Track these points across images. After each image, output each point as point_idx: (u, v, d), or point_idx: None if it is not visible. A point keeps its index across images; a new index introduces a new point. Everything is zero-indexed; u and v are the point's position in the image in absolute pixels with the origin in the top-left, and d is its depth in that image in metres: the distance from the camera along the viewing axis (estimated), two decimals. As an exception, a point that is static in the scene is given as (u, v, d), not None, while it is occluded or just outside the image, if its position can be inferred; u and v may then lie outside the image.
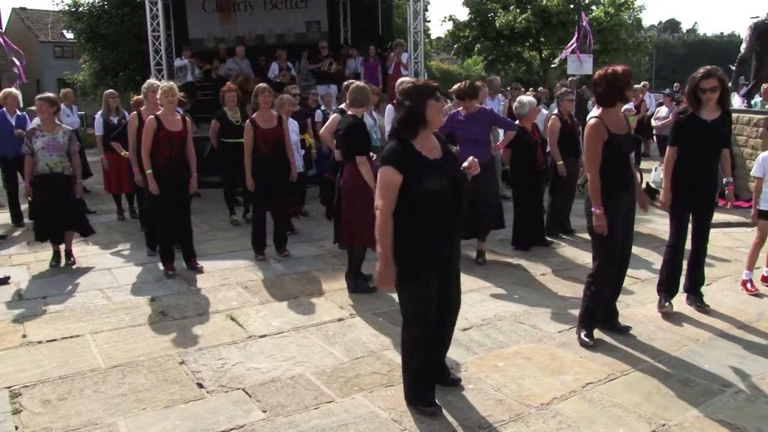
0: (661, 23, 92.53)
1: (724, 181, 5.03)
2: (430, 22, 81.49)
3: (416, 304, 3.45)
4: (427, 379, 3.59)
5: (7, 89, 8.76)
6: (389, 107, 7.71)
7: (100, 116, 8.96)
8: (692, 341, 4.50)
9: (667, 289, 5.03)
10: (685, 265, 5.07)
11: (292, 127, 7.77)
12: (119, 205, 9.06)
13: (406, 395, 3.62)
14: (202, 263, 6.46)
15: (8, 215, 8.95)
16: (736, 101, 10.38)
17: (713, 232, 5.11)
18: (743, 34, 11.02)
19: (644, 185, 9.86)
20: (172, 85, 6.17)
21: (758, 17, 10.01)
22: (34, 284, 6.09)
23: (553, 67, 30.41)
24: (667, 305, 4.96)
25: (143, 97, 6.69)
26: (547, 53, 30.55)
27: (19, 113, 8.70)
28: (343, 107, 6.68)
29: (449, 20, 31.30)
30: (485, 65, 32.52)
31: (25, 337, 4.74)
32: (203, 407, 3.65)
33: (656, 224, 7.71)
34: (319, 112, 9.51)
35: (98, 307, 5.40)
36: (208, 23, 14.29)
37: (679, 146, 4.88)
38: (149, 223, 7.09)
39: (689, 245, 5.03)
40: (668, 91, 15.00)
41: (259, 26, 14.45)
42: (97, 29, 18.26)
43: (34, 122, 7.51)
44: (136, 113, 6.59)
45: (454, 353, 4.15)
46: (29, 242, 7.43)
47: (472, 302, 5.27)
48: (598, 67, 18.14)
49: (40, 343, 4.63)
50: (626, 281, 5.17)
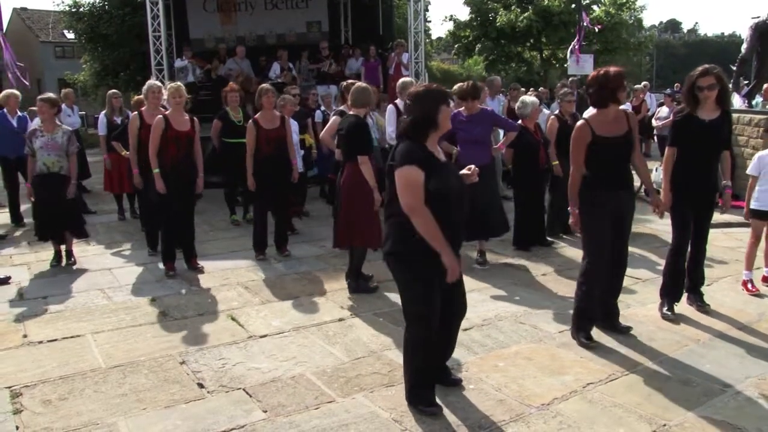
0: (661, 23, 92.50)
1: (722, 183, 4.99)
2: (430, 22, 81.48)
3: (419, 304, 3.45)
4: (428, 379, 3.59)
5: (8, 90, 8.77)
6: (390, 107, 7.70)
7: (103, 116, 8.98)
8: (693, 342, 4.50)
9: (670, 293, 4.98)
10: (685, 265, 5.04)
11: (292, 127, 7.78)
12: (120, 205, 9.07)
13: (407, 395, 3.62)
14: (202, 263, 6.47)
15: (8, 215, 8.96)
16: (736, 101, 10.37)
17: (714, 232, 5.10)
18: (744, 34, 11.03)
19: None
20: (179, 85, 6.19)
21: (759, 17, 10.00)
22: (34, 284, 6.09)
23: (555, 67, 30.45)
24: (670, 314, 4.90)
25: (144, 97, 6.70)
26: (548, 53, 30.53)
27: (19, 114, 8.71)
28: (343, 109, 6.68)
29: (450, 20, 31.33)
30: (486, 65, 32.50)
31: (25, 337, 4.75)
32: (204, 407, 3.66)
33: (657, 224, 7.70)
34: (318, 112, 9.51)
35: (99, 307, 5.41)
36: (208, 23, 14.30)
37: (677, 147, 4.84)
38: (150, 223, 7.11)
39: (690, 245, 5.01)
40: (669, 91, 14.99)
41: (259, 26, 14.46)
42: (97, 29, 18.27)
43: (35, 123, 7.52)
44: (137, 113, 6.59)
45: (454, 353, 4.14)
46: (30, 242, 7.44)
47: (472, 302, 5.23)
48: (598, 67, 18.18)
49: (40, 343, 4.63)
50: (627, 281, 5.17)
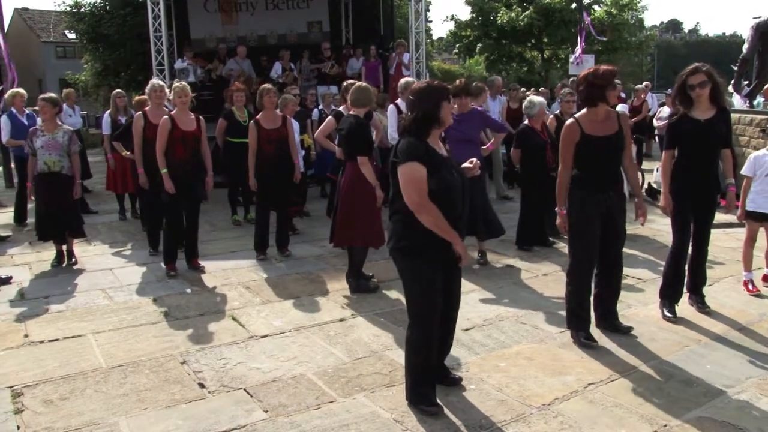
0: (662, 23, 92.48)
1: (726, 182, 4.97)
2: (431, 22, 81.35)
3: (423, 303, 3.46)
4: (429, 378, 3.60)
5: (14, 89, 8.77)
6: (391, 107, 7.71)
7: (107, 116, 8.98)
8: (694, 342, 4.49)
9: (670, 295, 4.97)
10: (686, 267, 5.03)
11: (293, 127, 7.78)
12: (121, 204, 9.06)
13: (408, 395, 3.62)
14: (203, 263, 6.47)
15: (9, 216, 8.95)
16: (737, 102, 10.37)
17: (715, 232, 5.09)
18: (745, 34, 11.02)
19: (646, 185, 9.87)
20: (184, 85, 6.18)
21: (760, 17, 9.99)
22: (36, 284, 6.10)
23: (557, 67, 30.40)
24: (671, 315, 4.88)
25: (147, 97, 6.70)
26: (549, 53, 30.50)
27: (27, 112, 8.73)
28: (341, 109, 6.67)
29: (451, 20, 31.29)
30: (487, 65, 32.47)
31: (27, 336, 4.75)
32: (205, 407, 3.66)
33: (657, 224, 7.69)
34: (316, 111, 9.52)
35: (100, 307, 5.41)
36: (209, 23, 14.30)
37: (675, 148, 4.80)
38: (151, 223, 7.11)
39: (690, 246, 4.99)
40: (670, 91, 14.95)
41: (260, 26, 14.46)
42: (98, 29, 18.26)
43: (38, 122, 7.53)
44: (141, 113, 6.59)
45: (455, 353, 4.15)
46: (31, 242, 7.45)
47: (473, 302, 5.27)
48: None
49: (42, 342, 4.63)
50: (628, 281, 5.18)
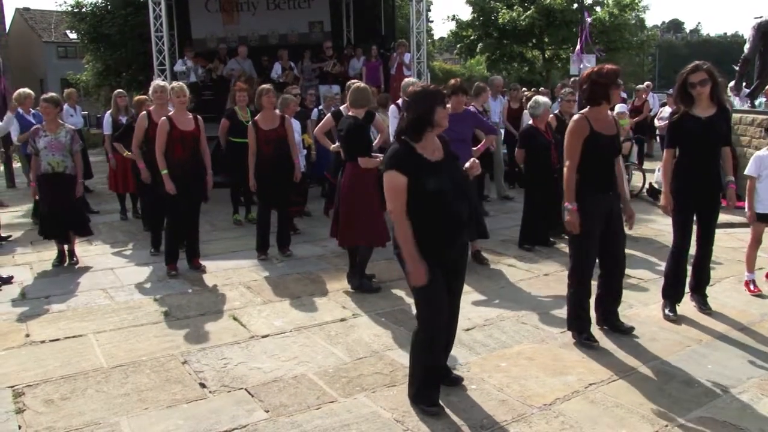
0: (664, 23, 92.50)
1: (726, 179, 4.96)
2: (432, 22, 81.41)
3: (429, 305, 3.47)
4: (435, 379, 3.60)
5: (22, 89, 8.77)
6: (392, 107, 7.70)
7: (108, 116, 8.98)
8: (695, 342, 4.49)
9: (671, 294, 4.97)
10: (689, 265, 5.02)
11: (294, 127, 7.78)
12: (123, 204, 9.06)
13: (411, 395, 3.62)
14: (204, 263, 6.47)
15: (10, 216, 8.98)
16: (737, 102, 10.34)
17: (717, 232, 5.07)
18: (746, 34, 10.99)
19: (647, 185, 9.86)
20: (182, 85, 6.20)
21: (762, 17, 9.97)
22: (37, 284, 6.10)
23: (558, 66, 30.37)
24: (672, 315, 4.88)
25: (151, 97, 6.71)
26: (550, 53, 30.49)
27: (34, 111, 8.73)
28: (341, 108, 6.67)
29: (452, 20, 31.29)
30: (488, 65, 32.45)
31: (28, 336, 4.75)
32: (206, 407, 3.66)
33: (658, 225, 7.69)
34: (315, 110, 9.51)
35: (101, 306, 5.41)
36: (211, 23, 14.30)
37: (676, 147, 4.80)
38: (152, 222, 7.11)
39: (693, 247, 4.98)
40: (671, 91, 14.93)
41: (261, 26, 14.45)
42: (100, 29, 18.26)
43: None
44: (145, 113, 6.60)
45: (456, 353, 4.15)
46: (33, 242, 7.45)
47: (474, 302, 5.26)
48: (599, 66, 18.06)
49: (43, 342, 4.63)
50: (629, 281, 5.17)
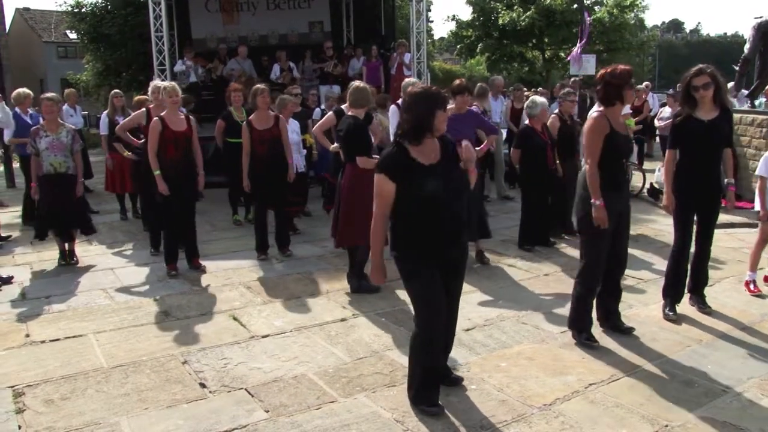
0: (664, 23, 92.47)
1: (725, 181, 4.99)
2: (432, 22, 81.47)
3: (425, 305, 3.47)
4: (434, 379, 3.60)
5: (21, 89, 8.75)
6: (392, 108, 7.70)
7: (105, 116, 8.97)
8: (695, 342, 4.49)
9: (672, 294, 4.98)
10: (688, 265, 5.03)
11: (293, 127, 7.77)
12: (122, 204, 9.07)
13: (410, 395, 3.62)
14: (204, 263, 6.47)
15: (11, 216, 8.96)
16: (735, 102, 10.34)
17: (717, 232, 5.08)
18: (746, 34, 10.98)
19: (648, 185, 9.87)
20: (174, 85, 6.21)
21: (762, 17, 9.96)
22: (37, 284, 6.10)
23: (558, 67, 30.37)
24: (671, 314, 4.89)
25: (152, 97, 6.73)
26: (550, 53, 30.49)
27: (31, 111, 8.72)
28: (343, 107, 6.67)
29: (452, 20, 31.29)
30: (488, 65, 32.45)
31: (28, 336, 4.75)
32: (206, 407, 3.66)
33: (659, 225, 7.69)
34: (317, 110, 9.51)
35: (101, 306, 5.41)
36: (211, 23, 14.29)
37: (678, 148, 4.84)
38: (152, 222, 7.11)
39: (693, 246, 5.00)
40: (671, 91, 14.89)
41: (262, 26, 14.45)
42: (100, 29, 18.26)
43: (40, 121, 7.52)
44: (144, 110, 6.67)
45: (456, 353, 4.15)
46: (32, 242, 7.45)
47: (475, 302, 5.26)
48: (601, 66, 18.07)
49: (43, 342, 4.64)
50: (629, 282, 5.17)
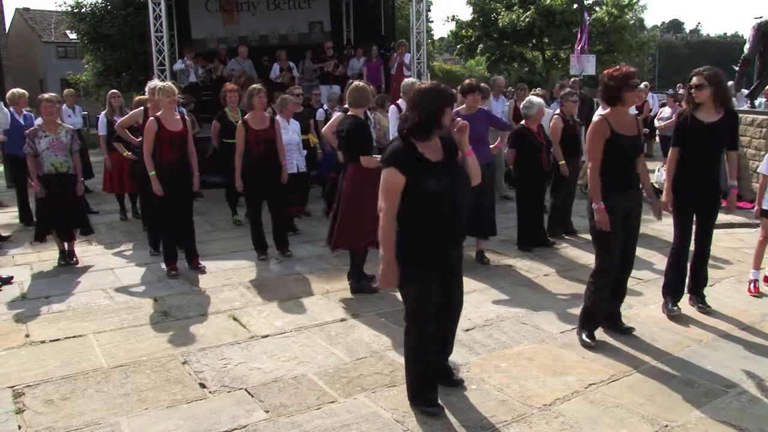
0: (664, 23, 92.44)
1: (729, 183, 5.00)
2: (432, 22, 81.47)
3: (420, 305, 3.46)
4: (429, 379, 3.59)
5: (16, 89, 8.75)
6: (392, 108, 7.71)
7: (103, 116, 8.97)
8: (695, 342, 4.49)
9: (672, 291, 5.00)
10: (688, 265, 5.04)
11: (293, 127, 7.77)
12: (122, 205, 9.07)
13: (409, 396, 3.62)
14: (204, 263, 6.47)
15: (10, 216, 8.97)
16: (735, 102, 10.33)
17: (717, 232, 5.09)
18: (746, 34, 10.99)
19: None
20: (171, 85, 6.21)
21: (762, 17, 9.96)
22: (37, 284, 6.10)
23: (558, 67, 30.37)
24: (675, 309, 4.92)
25: (148, 97, 6.73)
26: (550, 54, 30.49)
27: (25, 112, 8.72)
28: (347, 107, 6.68)
29: (452, 20, 31.27)
30: (488, 65, 32.44)
31: (28, 336, 4.75)
32: (206, 407, 3.66)
33: (659, 224, 7.66)
34: (321, 111, 9.51)
35: (101, 307, 5.41)
36: (211, 23, 14.29)
37: (679, 148, 4.89)
38: (152, 223, 7.11)
39: (693, 246, 5.01)
40: (671, 91, 14.90)
41: (262, 26, 14.45)
42: (100, 30, 18.27)
43: (36, 122, 7.52)
44: (142, 109, 6.69)
45: (456, 354, 4.14)
46: (32, 242, 7.44)
47: (474, 303, 5.27)
48: (601, 66, 18.07)
49: (43, 342, 4.64)
50: (629, 282, 5.14)
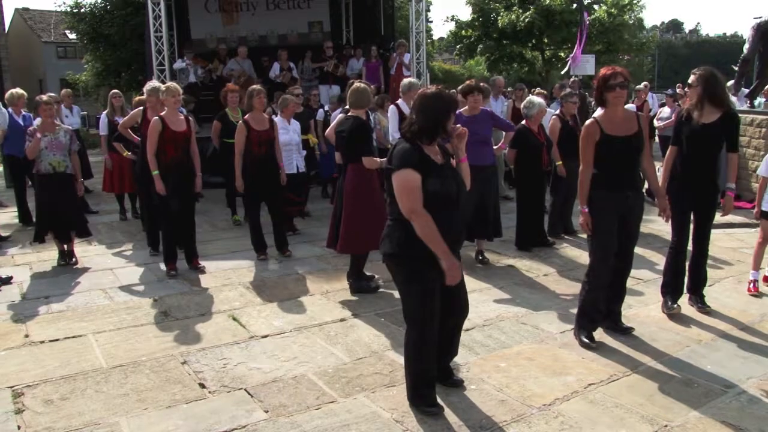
0: (663, 23, 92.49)
1: (726, 185, 4.98)
2: (432, 22, 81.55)
3: (418, 307, 3.45)
4: (429, 379, 3.59)
5: (16, 90, 8.74)
6: (392, 108, 7.71)
7: (104, 116, 8.97)
8: (695, 342, 4.49)
9: (671, 291, 5.00)
10: (686, 266, 5.04)
11: (294, 127, 7.77)
12: (122, 205, 9.06)
13: (408, 395, 3.62)
14: (204, 263, 6.47)
15: (10, 216, 8.97)
16: (736, 102, 10.33)
17: (716, 232, 5.10)
18: (746, 34, 11.00)
19: (646, 185, 9.85)
20: (176, 85, 6.21)
21: (761, 18, 9.97)
22: (36, 284, 6.10)
23: (557, 67, 30.35)
24: (675, 307, 4.92)
25: (147, 98, 6.73)
26: (549, 54, 30.49)
27: (24, 113, 8.72)
28: (347, 107, 6.68)
29: (451, 20, 31.28)
30: (488, 65, 32.45)
31: (27, 336, 4.75)
32: (205, 407, 3.66)
33: (658, 224, 7.68)
34: (321, 111, 9.51)
35: (100, 307, 5.41)
36: (210, 23, 14.29)
37: (677, 147, 4.91)
38: (151, 223, 7.11)
39: (691, 246, 5.01)
40: (670, 91, 14.90)
41: (261, 27, 14.46)
42: (99, 29, 18.29)
43: (36, 122, 7.52)
44: (142, 109, 6.72)
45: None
46: (32, 243, 7.44)
47: (474, 303, 5.23)
48: (600, 67, 18.07)
49: (42, 342, 4.63)
50: (629, 282, 5.13)
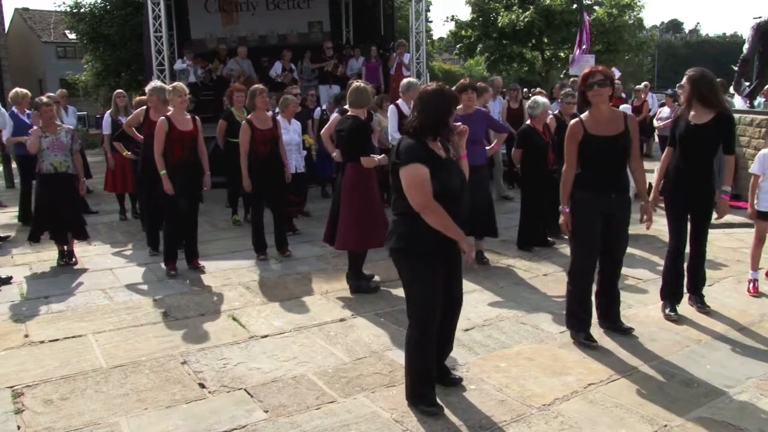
0: (663, 23, 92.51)
1: (722, 188, 4.94)
2: (432, 22, 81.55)
3: (424, 304, 3.46)
4: (429, 378, 3.60)
5: (19, 89, 8.73)
6: (391, 108, 7.71)
7: (108, 116, 8.98)
8: (694, 342, 4.49)
9: (670, 295, 4.97)
10: (685, 265, 5.03)
11: (294, 128, 7.78)
12: (122, 204, 9.06)
13: (408, 395, 3.62)
14: (204, 263, 6.47)
15: (10, 216, 8.96)
16: (737, 102, 10.34)
17: (715, 232, 5.10)
18: (746, 34, 11.00)
19: (646, 185, 9.84)
20: (182, 85, 6.21)
21: (761, 18, 9.96)
22: (36, 284, 6.10)
23: (557, 67, 30.36)
24: (673, 314, 4.88)
25: (148, 98, 6.73)
26: (549, 54, 30.49)
27: (28, 111, 8.72)
28: (346, 107, 6.68)
29: (451, 20, 31.28)
30: (488, 65, 32.45)
31: (27, 336, 4.75)
32: (205, 407, 3.66)
33: (657, 225, 7.65)
34: (318, 111, 9.51)
35: (100, 307, 5.41)
36: (210, 23, 14.30)
37: (673, 148, 4.92)
38: (151, 223, 7.11)
39: (688, 248, 5.00)
40: (670, 91, 14.91)
41: (261, 27, 14.46)
42: (99, 30, 18.28)
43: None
44: (144, 108, 6.75)
45: (455, 353, 4.14)
46: (30, 242, 7.43)
47: (474, 302, 5.27)
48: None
49: (42, 342, 4.63)
50: (629, 282, 5.17)
